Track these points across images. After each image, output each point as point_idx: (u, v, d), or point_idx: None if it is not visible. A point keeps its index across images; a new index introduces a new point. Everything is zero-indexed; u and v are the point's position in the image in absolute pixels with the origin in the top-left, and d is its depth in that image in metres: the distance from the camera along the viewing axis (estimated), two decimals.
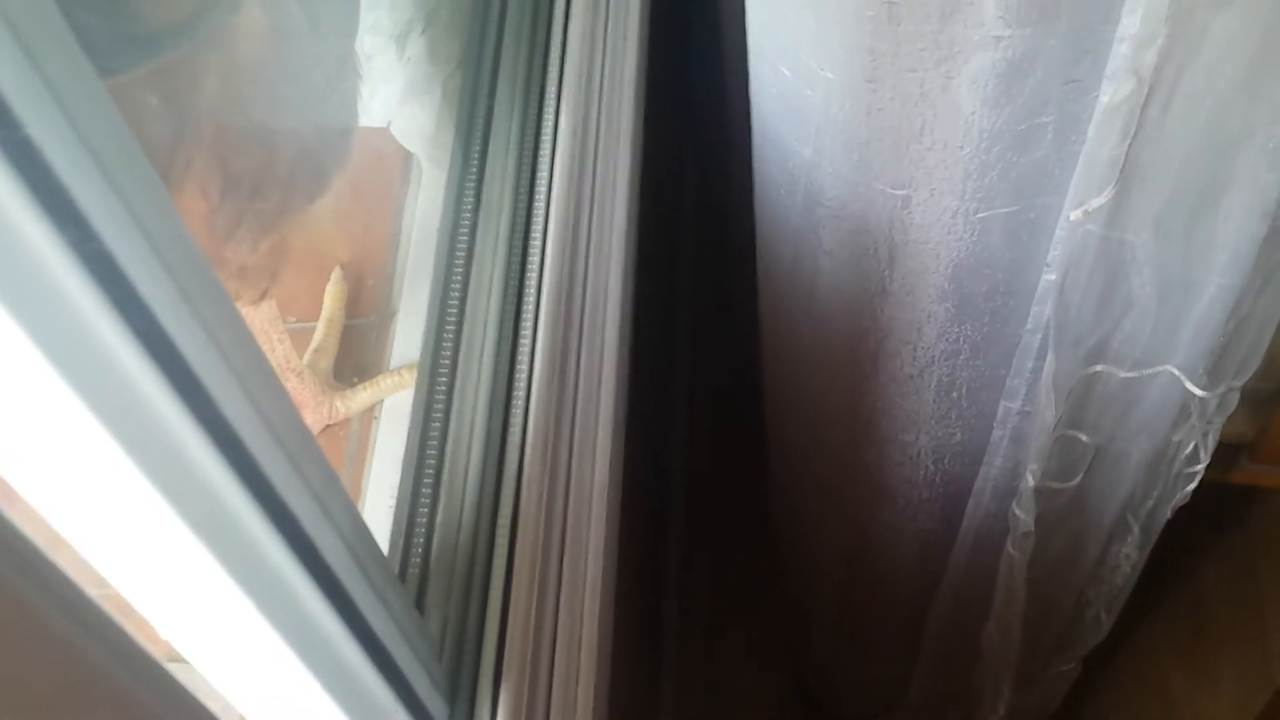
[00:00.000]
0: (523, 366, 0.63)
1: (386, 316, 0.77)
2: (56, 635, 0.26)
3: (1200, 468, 0.92)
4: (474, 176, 0.69)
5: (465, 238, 0.66)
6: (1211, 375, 0.80)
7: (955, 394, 0.89)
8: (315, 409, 0.71)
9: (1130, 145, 0.63)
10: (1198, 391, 0.80)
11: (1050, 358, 0.78)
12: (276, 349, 0.69)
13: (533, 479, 0.60)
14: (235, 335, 0.32)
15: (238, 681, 0.38)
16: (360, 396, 0.73)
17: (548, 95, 0.72)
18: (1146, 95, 0.60)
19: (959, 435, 0.93)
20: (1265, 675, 1.51)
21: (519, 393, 0.62)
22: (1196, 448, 0.90)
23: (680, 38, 1.00)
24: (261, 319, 0.68)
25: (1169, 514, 1.00)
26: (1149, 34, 0.57)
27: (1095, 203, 0.66)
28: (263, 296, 0.64)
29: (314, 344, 0.74)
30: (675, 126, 1.02)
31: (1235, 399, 0.84)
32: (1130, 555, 1.05)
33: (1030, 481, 0.89)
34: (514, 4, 0.75)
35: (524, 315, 0.64)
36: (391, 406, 0.73)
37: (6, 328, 0.24)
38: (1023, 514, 0.94)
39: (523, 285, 0.65)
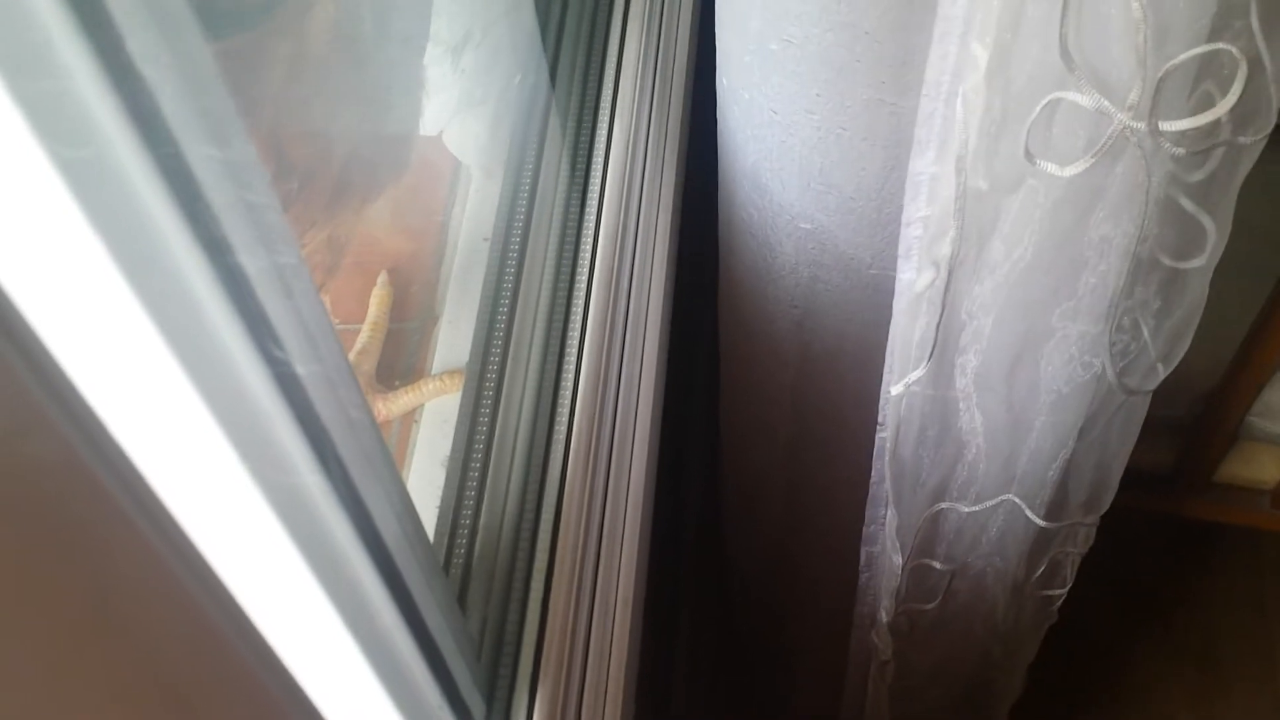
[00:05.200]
0: (568, 374, 0.64)
1: (430, 322, 0.78)
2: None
3: (1063, 591, 0.95)
4: (527, 187, 0.70)
5: (516, 247, 0.67)
6: (1052, 507, 0.81)
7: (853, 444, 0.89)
8: None
9: (940, 324, 0.64)
10: (1039, 521, 0.81)
11: (891, 511, 0.79)
12: None
13: (574, 485, 0.60)
14: (320, 319, 0.33)
15: (301, 665, 0.39)
16: (402, 399, 0.74)
17: (601, 109, 0.73)
18: (947, 279, 0.60)
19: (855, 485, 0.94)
20: None
21: (564, 400, 0.63)
22: (1055, 571, 0.92)
23: None
24: None
25: (1040, 631, 1.04)
26: (940, 229, 0.58)
27: (913, 376, 0.67)
28: (319, 291, 0.65)
29: (358, 346, 0.76)
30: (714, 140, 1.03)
31: (1091, 534, 0.86)
32: (1001, 663, 1.08)
33: (884, 617, 0.92)
34: (571, 19, 0.76)
35: (571, 324, 0.65)
36: (432, 410, 0.74)
37: (127, 305, 0.26)
38: (880, 643, 0.97)
39: (570, 295, 0.66)
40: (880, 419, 0.73)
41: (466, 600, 0.57)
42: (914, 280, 0.61)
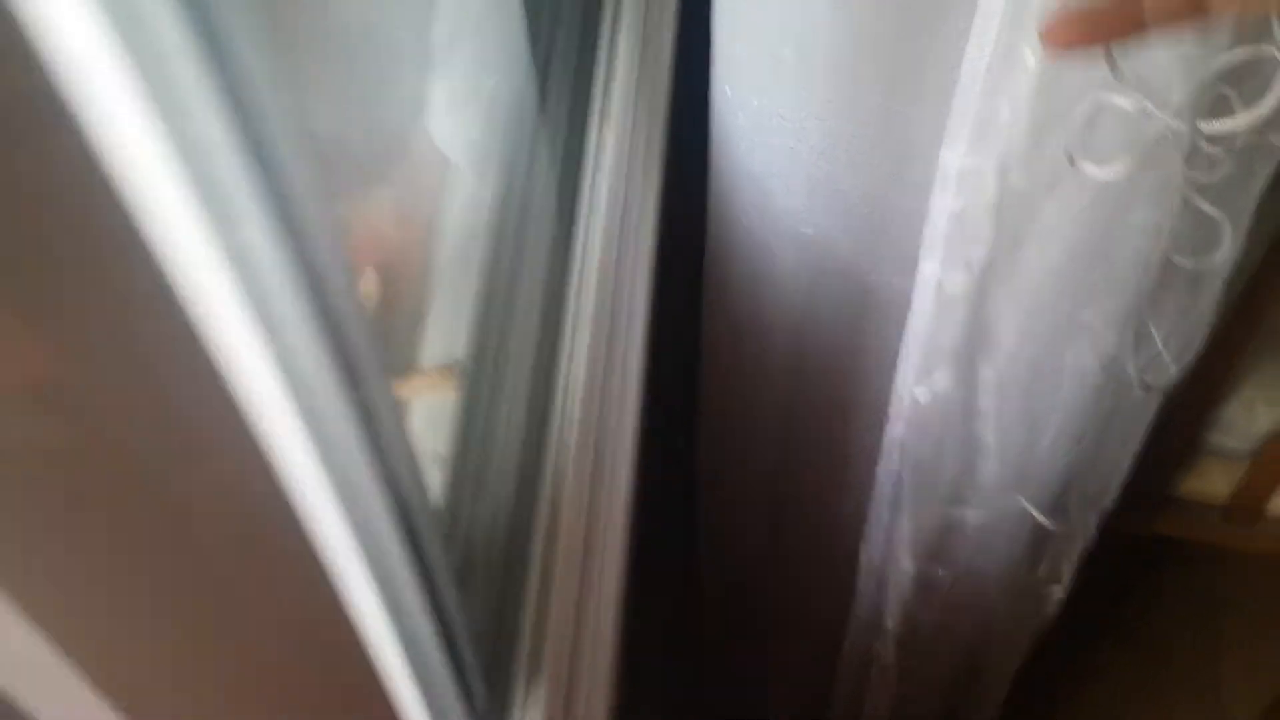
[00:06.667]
0: (562, 374, 0.64)
1: (418, 318, 0.77)
2: None
3: (1060, 587, 0.96)
4: (518, 185, 0.70)
5: (511, 243, 0.67)
6: (1058, 507, 0.83)
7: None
8: None
9: (967, 327, 0.65)
10: (1047, 523, 0.83)
11: (904, 516, 0.80)
12: None
13: (571, 483, 0.60)
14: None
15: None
16: None
17: (593, 104, 0.73)
18: (979, 283, 0.61)
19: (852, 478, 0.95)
20: None
21: (558, 399, 0.63)
22: (1055, 568, 0.94)
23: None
24: None
25: (1030, 637, 1.05)
26: (974, 230, 0.59)
27: (937, 379, 0.68)
28: None
29: None
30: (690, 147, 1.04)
31: (1092, 535, 0.88)
32: (995, 666, 1.09)
33: (890, 624, 0.93)
34: (563, 14, 0.76)
35: (565, 319, 0.65)
36: (422, 407, 0.73)
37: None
38: (882, 650, 0.98)
39: (564, 289, 0.66)
40: (892, 418, 0.73)
41: (465, 595, 0.57)
42: (938, 275, 0.61)
